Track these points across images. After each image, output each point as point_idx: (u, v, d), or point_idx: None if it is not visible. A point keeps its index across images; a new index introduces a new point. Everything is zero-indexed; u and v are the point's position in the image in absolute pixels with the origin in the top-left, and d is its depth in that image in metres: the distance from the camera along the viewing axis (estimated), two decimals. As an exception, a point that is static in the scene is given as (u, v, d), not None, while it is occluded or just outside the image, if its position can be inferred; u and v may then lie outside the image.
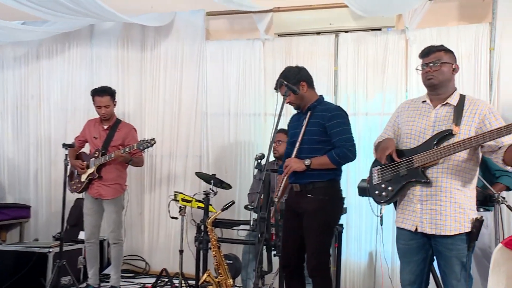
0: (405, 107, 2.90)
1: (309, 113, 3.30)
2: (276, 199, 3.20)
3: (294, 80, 3.26)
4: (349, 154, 3.21)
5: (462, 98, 2.68)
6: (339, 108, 3.37)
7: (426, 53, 2.74)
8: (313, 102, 3.34)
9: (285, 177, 3.23)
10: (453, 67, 2.71)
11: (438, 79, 2.68)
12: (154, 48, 5.54)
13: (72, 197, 5.14)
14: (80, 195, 4.64)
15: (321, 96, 3.43)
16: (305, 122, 3.27)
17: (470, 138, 2.48)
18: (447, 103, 2.68)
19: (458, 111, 2.62)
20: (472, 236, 2.59)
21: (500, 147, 2.52)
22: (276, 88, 3.34)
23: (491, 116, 2.58)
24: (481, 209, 3.53)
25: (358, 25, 4.81)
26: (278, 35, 5.11)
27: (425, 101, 2.78)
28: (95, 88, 4.51)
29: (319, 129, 3.25)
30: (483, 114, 2.58)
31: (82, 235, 4.83)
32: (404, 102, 2.99)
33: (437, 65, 2.67)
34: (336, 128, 3.22)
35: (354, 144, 3.26)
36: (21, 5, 4.48)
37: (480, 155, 2.67)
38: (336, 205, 3.39)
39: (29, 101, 5.95)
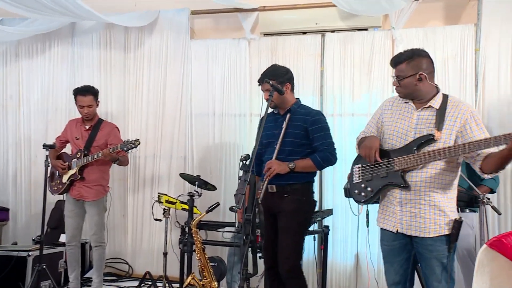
0: (388, 105, 2.88)
1: (288, 115, 3.34)
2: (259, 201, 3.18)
3: (281, 79, 3.32)
4: (332, 158, 3.34)
5: (445, 100, 2.66)
6: (320, 112, 3.50)
7: (392, 64, 2.74)
8: (292, 105, 3.41)
9: (267, 180, 3.22)
10: (418, 76, 2.62)
11: (403, 93, 2.72)
12: (137, 47, 5.45)
13: (52, 199, 5.03)
14: (61, 197, 4.54)
15: (298, 99, 3.50)
16: (285, 124, 3.31)
17: (450, 148, 2.49)
18: (429, 106, 2.67)
19: (440, 115, 2.62)
20: (452, 237, 2.60)
21: (478, 154, 2.53)
22: (260, 82, 3.37)
23: (472, 120, 2.58)
24: (467, 210, 3.53)
25: (344, 25, 4.79)
26: (264, 34, 5.07)
27: (408, 101, 2.76)
28: (78, 87, 4.44)
29: (301, 132, 3.32)
30: (465, 119, 2.58)
31: (63, 238, 4.75)
32: (388, 99, 2.96)
33: (398, 80, 2.69)
34: (319, 132, 3.32)
35: (335, 148, 3.37)
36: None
37: (461, 158, 2.67)
38: (311, 206, 3.48)
39: (7, 101, 5.81)
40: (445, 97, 2.67)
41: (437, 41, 4.48)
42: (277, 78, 3.28)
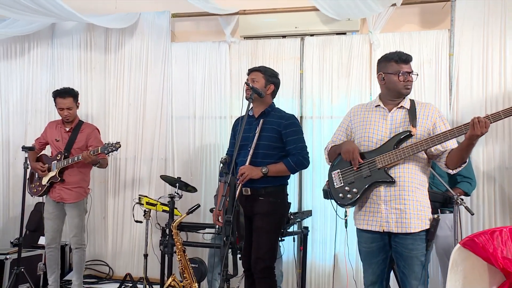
0: (357, 112, 2.98)
1: (262, 119, 3.38)
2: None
3: (269, 78, 3.43)
4: (305, 162, 3.38)
5: (412, 102, 2.84)
6: (294, 116, 3.51)
7: (406, 60, 2.81)
8: (267, 108, 3.45)
9: (240, 184, 3.24)
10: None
11: (410, 89, 2.83)
12: (118, 49, 5.44)
13: (32, 201, 5.00)
14: (40, 199, 4.51)
15: (273, 102, 3.54)
16: (258, 128, 3.34)
17: (432, 137, 2.64)
18: (401, 106, 2.81)
19: (412, 113, 2.77)
20: (430, 234, 2.71)
21: (443, 152, 2.71)
22: (252, 70, 3.48)
23: (440, 121, 2.76)
24: (447, 211, 3.62)
25: (323, 29, 4.86)
26: (244, 37, 5.11)
27: (378, 105, 2.87)
28: (57, 89, 4.42)
29: (275, 135, 3.36)
30: (435, 118, 2.77)
31: (42, 240, 4.71)
32: (354, 106, 3.06)
33: (414, 75, 2.81)
34: (293, 136, 3.36)
35: (308, 152, 3.42)
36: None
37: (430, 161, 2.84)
38: (286, 208, 3.52)
39: (-15, 103, 5.75)
40: (412, 100, 2.85)
41: (413, 45, 4.57)
42: (266, 74, 3.42)
